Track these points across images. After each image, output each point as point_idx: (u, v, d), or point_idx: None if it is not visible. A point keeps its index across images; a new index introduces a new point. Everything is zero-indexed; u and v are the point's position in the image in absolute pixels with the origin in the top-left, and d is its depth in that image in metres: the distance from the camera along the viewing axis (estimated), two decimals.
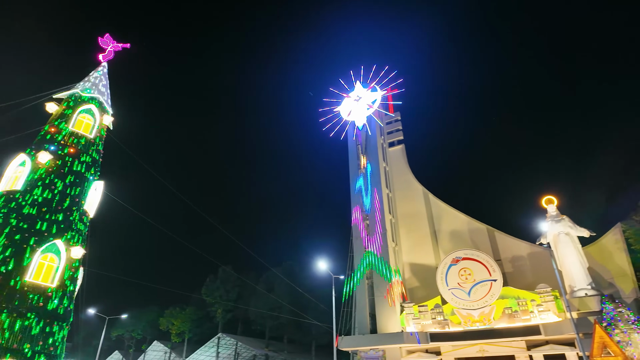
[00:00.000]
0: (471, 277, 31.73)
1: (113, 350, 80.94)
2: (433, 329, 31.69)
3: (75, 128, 25.90)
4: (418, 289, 37.55)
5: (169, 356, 71.67)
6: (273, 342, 65.12)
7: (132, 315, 74.31)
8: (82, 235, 23.78)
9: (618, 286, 29.74)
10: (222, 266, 69.09)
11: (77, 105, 26.84)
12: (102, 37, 30.90)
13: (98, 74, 29.34)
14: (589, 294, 28.12)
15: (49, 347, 20.10)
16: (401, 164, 44.87)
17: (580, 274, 29.23)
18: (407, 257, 39.92)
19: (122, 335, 79.01)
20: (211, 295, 67.76)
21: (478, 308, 30.54)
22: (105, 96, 28.83)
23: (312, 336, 60.86)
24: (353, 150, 45.47)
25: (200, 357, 65.60)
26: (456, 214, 39.66)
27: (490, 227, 37.46)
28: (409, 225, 41.35)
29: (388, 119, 47.71)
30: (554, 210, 32.22)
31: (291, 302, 56.17)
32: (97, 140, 26.85)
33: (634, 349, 22.75)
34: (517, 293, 30.27)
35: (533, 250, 34.53)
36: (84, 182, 24.52)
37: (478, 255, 32.39)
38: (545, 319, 28.11)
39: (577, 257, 29.91)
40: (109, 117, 28.54)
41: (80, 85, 27.96)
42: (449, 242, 38.65)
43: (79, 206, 23.76)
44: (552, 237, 31.14)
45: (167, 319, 70.22)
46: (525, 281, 33.13)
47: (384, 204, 39.99)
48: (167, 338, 73.14)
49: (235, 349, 63.32)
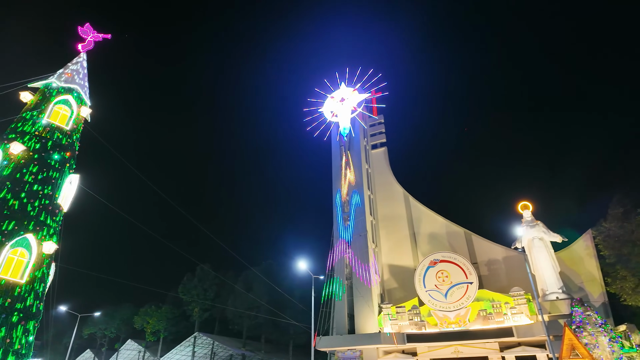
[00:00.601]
0: (448, 280, 32.29)
1: (85, 349, 78.63)
2: (410, 330, 32.09)
3: (50, 119, 25.04)
4: (396, 290, 37.96)
5: (143, 355, 70.13)
6: (250, 342, 64.59)
7: (106, 313, 72.49)
8: (55, 230, 23.02)
9: (587, 290, 30.82)
10: (200, 264, 68.12)
11: (53, 95, 25.95)
12: (82, 27, 29.99)
13: (76, 64, 28.47)
14: (560, 297, 29.05)
15: (17, 345, 19.37)
16: (383, 167, 45.28)
17: (552, 278, 30.17)
18: (386, 258, 40.30)
19: (94, 333, 76.90)
20: (188, 294, 66.68)
21: (454, 310, 31.10)
22: (84, 87, 27.98)
23: (290, 336, 60.68)
24: (336, 151, 45.62)
25: (176, 356, 64.46)
26: (435, 217, 40.30)
27: (467, 231, 38.23)
28: (389, 227, 41.76)
29: (371, 122, 48.10)
30: (529, 215, 33.15)
31: (270, 301, 55.85)
32: (74, 133, 26.05)
33: (601, 351, 23.61)
34: (491, 296, 30.98)
35: (508, 254, 35.40)
36: (58, 175, 23.74)
37: (455, 258, 32.99)
38: (518, 322, 28.88)
39: (550, 261, 30.86)
40: (86, 108, 27.70)
41: (57, 75, 27.04)
42: (427, 244, 39.23)
43: (52, 200, 23.00)
44: (526, 241, 32.03)
45: (142, 317, 68.74)
46: (500, 284, 33.94)
47: (365, 206, 40.27)
48: (141, 337, 71.57)
49: (211, 348, 62.51)
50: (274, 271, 63.61)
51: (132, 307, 74.92)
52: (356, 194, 40.96)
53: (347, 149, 44.31)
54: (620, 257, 29.72)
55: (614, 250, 30.17)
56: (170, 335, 70.16)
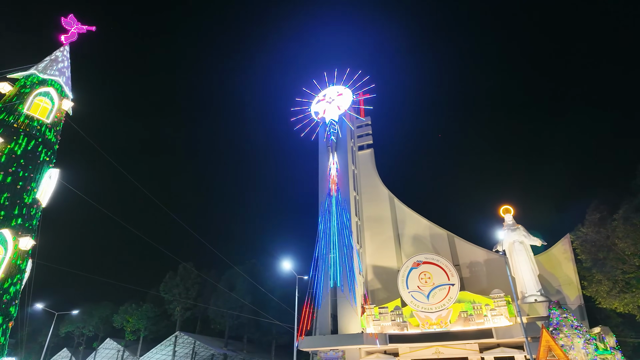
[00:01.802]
0: (430, 281, 32.65)
1: (61, 347, 76.58)
2: (392, 330, 32.33)
3: (30, 111, 24.32)
4: (380, 291, 38.19)
5: (122, 354, 68.76)
6: (232, 342, 64.07)
7: (84, 311, 70.90)
8: (32, 226, 22.39)
9: (564, 293, 31.60)
10: (182, 263, 67.20)
11: (34, 87, 25.20)
12: (66, 18, 29.22)
13: (59, 55, 27.72)
14: (538, 300, 29.71)
15: None
16: (369, 168, 45.51)
17: (531, 281, 30.82)
18: (370, 259, 40.50)
19: (72, 332, 75.05)
20: (170, 292, 65.70)
21: (436, 311, 31.48)
22: (66, 79, 27.27)
23: (273, 336, 60.44)
24: (323, 151, 45.61)
25: (156, 355, 63.43)
26: (419, 219, 40.70)
27: (450, 233, 38.74)
28: (374, 228, 42.00)
29: (359, 123, 48.30)
30: (511, 219, 33.79)
31: (253, 301, 55.53)
32: (54, 126, 25.37)
33: (576, 352, 24.23)
34: (472, 297, 31.45)
35: (489, 256, 36.01)
36: (38, 169, 23.09)
37: (438, 260, 33.39)
38: (497, 323, 29.41)
39: (529, 264, 31.52)
40: (68, 101, 27.00)
41: (38, 66, 26.29)
42: (411, 246, 39.59)
43: (31, 194, 22.37)
44: (507, 245, 32.64)
45: (122, 316, 67.41)
46: (481, 286, 34.50)
47: (350, 206, 40.39)
48: (120, 336, 70.19)
49: (193, 348, 61.75)
50: (257, 271, 63.28)
51: (111, 306, 73.43)
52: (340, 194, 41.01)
53: (334, 150, 44.37)
54: (596, 262, 30.58)
55: (591, 254, 31.04)
56: (150, 334, 69.01)
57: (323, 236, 39.38)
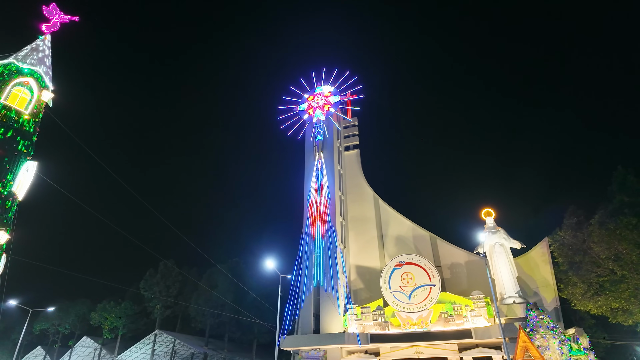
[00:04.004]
0: (412, 281, 33.00)
1: (35, 345, 74.42)
2: (374, 330, 32.54)
3: (8, 102, 23.56)
4: (362, 290, 38.39)
5: (99, 353, 67.27)
6: (213, 341, 63.42)
7: (60, 308, 69.04)
8: (8, 219, 21.70)
9: (541, 295, 32.39)
10: (163, 260, 66.10)
11: (12, 76, 24.42)
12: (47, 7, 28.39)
13: (39, 45, 26.92)
14: (516, 301, 30.36)
15: None
16: (355, 169, 45.70)
17: (510, 282, 31.48)
18: (354, 259, 40.67)
19: (47, 329, 72.98)
20: (150, 290, 64.52)
21: (417, 311, 31.83)
22: (46, 69, 26.50)
23: (254, 335, 60.14)
24: (310, 151, 45.56)
25: (134, 354, 62.33)
26: (402, 220, 41.08)
27: (432, 235, 39.22)
28: (358, 228, 42.20)
29: (345, 124, 48.46)
30: (492, 222, 34.43)
31: (235, 300, 55.10)
32: (33, 117, 24.64)
33: (551, 353, 24.85)
34: (453, 298, 31.93)
35: (470, 258, 36.60)
36: (14, 162, 22.40)
37: (420, 261, 33.76)
38: (476, 324, 29.93)
39: (509, 267, 32.18)
40: (48, 93, 26.23)
41: (18, 55, 25.48)
42: (394, 246, 39.93)
43: (7, 187, 21.68)
44: (488, 247, 33.26)
45: (100, 313, 65.78)
46: (461, 287, 35.04)
47: (335, 207, 40.49)
48: (98, 334, 68.59)
49: (172, 346, 60.90)
50: (240, 269, 62.82)
51: (89, 303, 71.71)
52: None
53: (320, 149, 44.39)
54: (572, 265, 31.45)
55: (567, 258, 31.91)
56: (129, 332, 67.60)
57: (307, 235, 39.37)
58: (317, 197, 40.82)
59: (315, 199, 40.76)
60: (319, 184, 41.55)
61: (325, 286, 35.60)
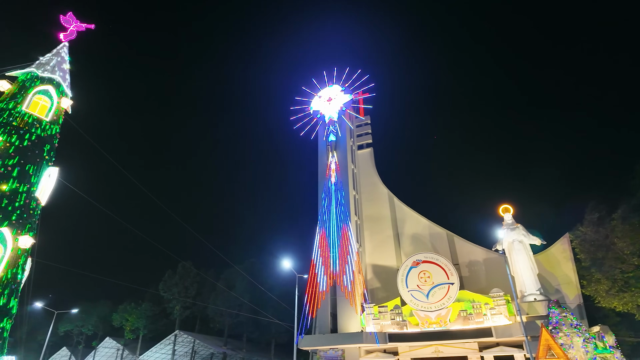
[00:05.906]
0: (430, 280, 32.67)
1: (60, 346, 76.47)
2: (392, 329, 32.35)
3: (29, 110, 24.24)
4: (379, 290, 38.21)
5: (121, 353, 68.70)
6: (231, 341, 64.05)
7: (83, 310, 70.69)
8: (32, 224, 22.32)
9: (564, 292, 31.64)
10: (181, 261, 67.07)
11: (33, 85, 25.12)
12: (65, 15, 29.11)
13: (58, 53, 27.62)
14: (537, 299, 29.75)
15: None
16: (369, 167, 45.50)
17: (531, 280, 30.86)
18: (370, 258, 40.52)
19: (71, 330, 74.90)
20: (169, 291, 65.57)
21: (435, 310, 31.50)
22: (65, 78, 27.16)
23: (272, 335, 60.43)
24: (323, 150, 45.61)
25: (155, 354, 63.40)
26: (418, 218, 40.70)
27: (449, 232, 38.76)
28: (373, 227, 42.00)
29: (358, 122, 48.28)
30: (510, 218, 33.81)
31: (252, 300, 55.49)
32: (53, 124, 25.29)
33: (576, 351, 24.27)
34: (472, 296, 31.48)
35: (488, 255, 36.04)
36: (37, 168, 23.03)
37: (437, 259, 33.40)
38: (496, 322, 29.43)
39: (529, 263, 31.54)
40: (67, 100, 26.89)
41: (37, 64, 26.17)
42: (410, 245, 39.60)
43: (30, 193, 22.30)
44: (507, 244, 32.66)
45: (121, 315, 67.29)
46: (480, 285, 34.53)
47: (350, 206, 40.39)
48: (120, 334, 70.09)
49: (192, 347, 61.73)
50: (257, 270, 63.21)
51: (110, 304, 73.28)
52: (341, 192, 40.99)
53: (333, 149, 44.34)
54: (595, 261, 30.63)
55: (590, 254, 31.08)
56: (149, 333, 68.88)
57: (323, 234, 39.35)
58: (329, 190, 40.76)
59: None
60: (330, 185, 41.50)
61: (342, 286, 35.55)
